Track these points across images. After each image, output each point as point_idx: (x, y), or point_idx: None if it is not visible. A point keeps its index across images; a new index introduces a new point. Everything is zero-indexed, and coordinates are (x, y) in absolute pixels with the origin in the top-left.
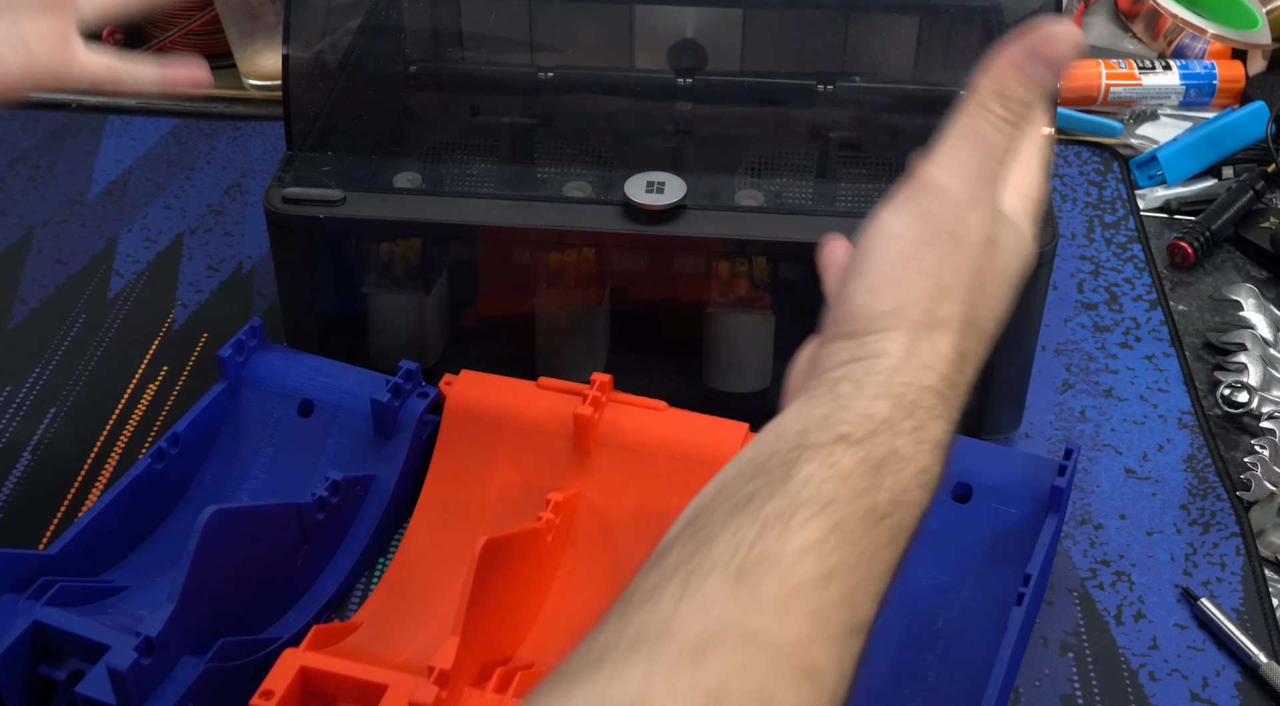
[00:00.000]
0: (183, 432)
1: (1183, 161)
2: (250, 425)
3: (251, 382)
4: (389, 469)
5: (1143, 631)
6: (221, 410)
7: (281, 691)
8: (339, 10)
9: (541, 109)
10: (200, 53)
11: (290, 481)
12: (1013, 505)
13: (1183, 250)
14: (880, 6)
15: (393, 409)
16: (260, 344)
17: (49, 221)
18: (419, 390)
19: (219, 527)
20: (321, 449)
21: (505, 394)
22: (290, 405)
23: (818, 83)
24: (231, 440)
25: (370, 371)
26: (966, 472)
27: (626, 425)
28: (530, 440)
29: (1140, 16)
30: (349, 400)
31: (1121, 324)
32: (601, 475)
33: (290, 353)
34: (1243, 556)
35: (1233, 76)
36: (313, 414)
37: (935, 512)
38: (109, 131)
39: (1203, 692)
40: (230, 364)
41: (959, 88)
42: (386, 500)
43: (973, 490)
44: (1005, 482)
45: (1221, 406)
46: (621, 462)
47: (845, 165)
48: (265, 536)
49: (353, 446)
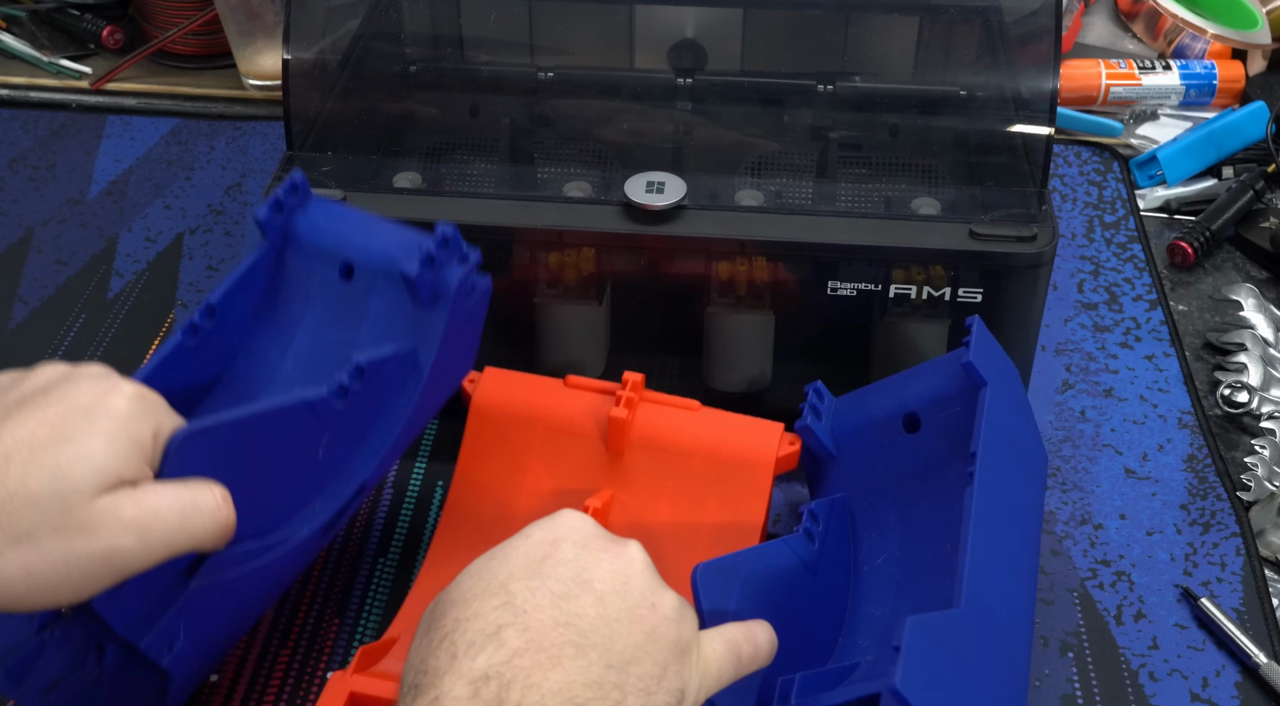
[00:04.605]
0: (218, 302)
1: (1183, 161)
2: (293, 288)
3: (294, 243)
4: (427, 342)
5: (1143, 631)
6: (263, 275)
7: None
8: (339, 10)
9: (541, 109)
10: (200, 53)
11: (333, 350)
12: (955, 405)
13: (1183, 250)
14: (880, 6)
15: (426, 281)
16: (301, 200)
17: (49, 221)
18: (458, 254)
19: (193, 450)
20: (362, 316)
21: (533, 393)
22: (332, 266)
23: (818, 83)
24: (274, 305)
25: (412, 231)
26: (904, 403)
27: (660, 426)
28: (561, 441)
29: (1140, 16)
30: (388, 263)
31: (1121, 324)
32: (635, 477)
33: (332, 207)
34: (1243, 556)
35: (1233, 76)
36: (354, 277)
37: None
38: (109, 131)
39: (1203, 692)
40: (269, 226)
41: (959, 88)
42: (425, 377)
43: (918, 416)
44: (942, 393)
45: (1221, 406)
46: (655, 464)
47: (845, 165)
48: (267, 440)
49: (391, 315)
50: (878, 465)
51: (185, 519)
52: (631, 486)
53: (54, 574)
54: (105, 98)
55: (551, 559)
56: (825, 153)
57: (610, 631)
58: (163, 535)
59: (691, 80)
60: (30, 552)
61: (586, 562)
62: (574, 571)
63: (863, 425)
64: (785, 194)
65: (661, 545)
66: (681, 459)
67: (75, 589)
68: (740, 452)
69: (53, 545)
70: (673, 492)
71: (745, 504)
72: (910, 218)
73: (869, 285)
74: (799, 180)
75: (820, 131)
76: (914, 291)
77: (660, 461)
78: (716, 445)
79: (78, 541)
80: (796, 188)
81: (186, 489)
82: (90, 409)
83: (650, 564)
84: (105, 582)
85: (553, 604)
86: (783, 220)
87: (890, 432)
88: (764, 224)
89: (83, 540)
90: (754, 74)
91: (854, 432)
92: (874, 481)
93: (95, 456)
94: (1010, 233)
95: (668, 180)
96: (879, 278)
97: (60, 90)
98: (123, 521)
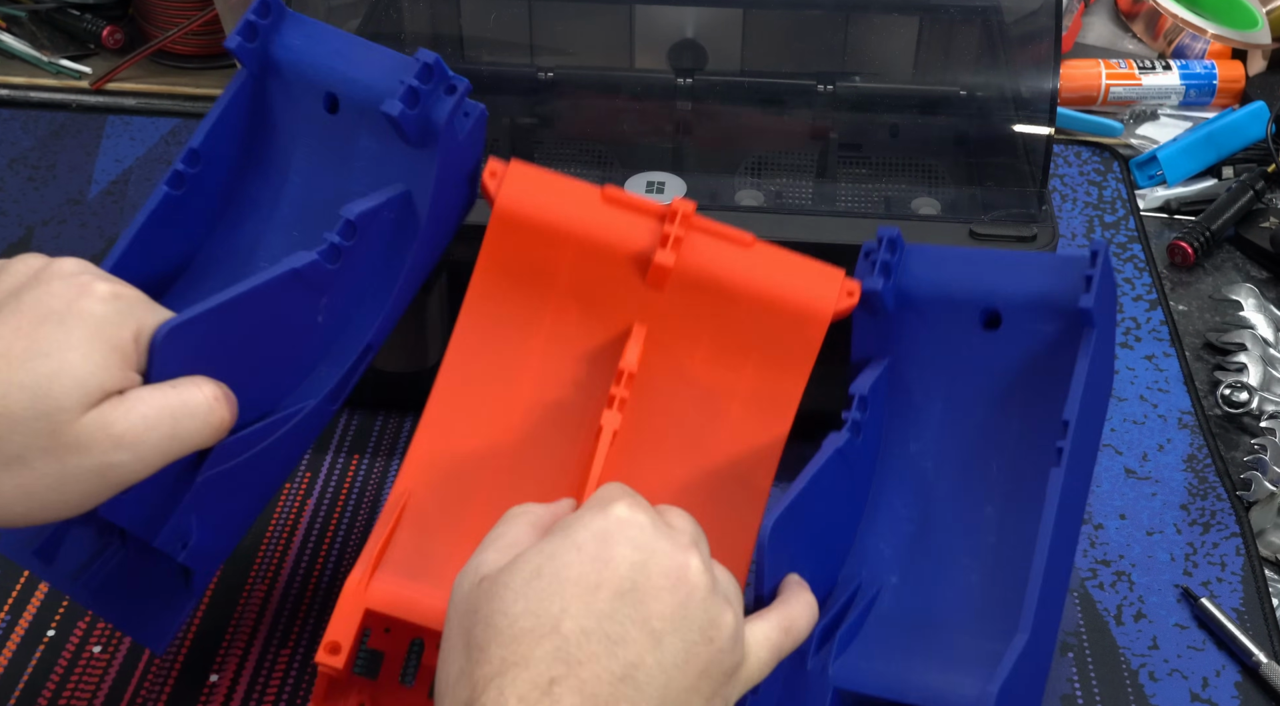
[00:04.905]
0: (201, 146)
1: (1183, 161)
2: (278, 123)
3: (273, 69)
4: (421, 182)
5: (1143, 631)
6: (245, 111)
7: (349, 645)
8: (339, 10)
9: (541, 109)
10: (200, 53)
11: (329, 191)
12: (1046, 322)
13: (1183, 250)
14: (880, 6)
15: (411, 119)
16: (275, 21)
17: (49, 221)
18: (444, 84)
19: (179, 344)
20: (352, 154)
21: (567, 201)
22: (317, 98)
23: (818, 83)
24: (261, 143)
25: (395, 56)
26: (991, 293)
27: (707, 260)
28: (594, 264)
29: (1140, 16)
30: (372, 95)
31: (1121, 324)
32: (671, 316)
33: (311, 26)
34: (1243, 556)
35: (1233, 76)
36: (339, 110)
37: (969, 344)
38: (109, 131)
39: (1203, 692)
40: (244, 54)
41: (959, 88)
42: (423, 222)
43: (1001, 315)
44: (1036, 296)
45: (1221, 406)
46: (697, 305)
47: (845, 165)
48: (259, 317)
49: (383, 152)
50: (939, 349)
51: (177, 424)
52: (666, 326)
53: (50, 492)
54: (105, 98)
55: (606, 587)
56: (825, 153)
57: (666, 678)
58: (155, 445)
59: (691, 80)
60: (24, 474)
61: (644, 588)
62: (631, 606)
63: (933, 297)
64: (785, 194)
65: (690, 408)
66: (727, 302)
67: (75, 504)
68: (793, 299)
69: (45, 465)
70: (711, 341)
71: (790, 360)
72: (910, 218)
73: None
74: (799, 180)
75: (820, 131)
76: None
77: (702, 303)
78: (767, 290)
79: (70, 460)
80: (796, 188)
81: (175, 391)
82: (64, 314)
83: (705, 561)
84: (104, 496)
85: (608, 652)
86: (783, 220)
87: (963, 320)
88: (764, 224)
89: (75, 458)
90: (754, 74)
91: (921, 302)
92: (928, 363)
93: (75, 371)
94: (1010, 233)
95: (668, 180)
96: None
97: (60, 90)
98: (113, 437)
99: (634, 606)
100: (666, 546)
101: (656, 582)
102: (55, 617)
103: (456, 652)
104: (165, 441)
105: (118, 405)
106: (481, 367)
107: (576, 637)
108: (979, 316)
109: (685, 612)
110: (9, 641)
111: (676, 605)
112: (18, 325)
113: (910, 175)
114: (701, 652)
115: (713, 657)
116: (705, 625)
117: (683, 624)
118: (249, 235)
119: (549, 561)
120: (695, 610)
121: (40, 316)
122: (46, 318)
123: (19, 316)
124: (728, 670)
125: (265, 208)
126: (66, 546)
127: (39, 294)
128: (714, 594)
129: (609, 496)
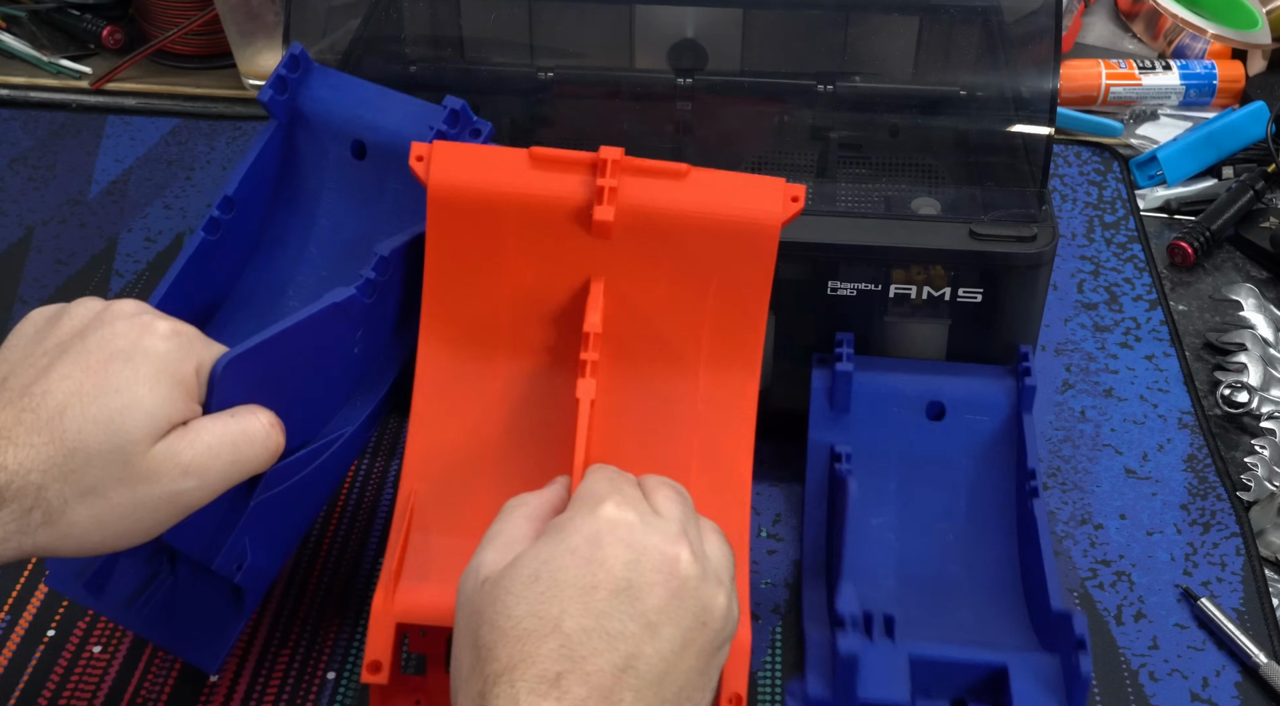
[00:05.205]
0: (235, 193)
1: (1183, 161)
2: (307, 169)
3: (301, 120)
4: None
5: (1143, 631)
6: (275, 159)
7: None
8: (339, 10)
9: (541, 109)
10: (200, 53)
11: (356, 231)
12: (984, 413)
13: (1183, 250)
14: (880, 6)
15: None
16: (303, 75)
17: (49, 221)
18: (469, 128)
19: (235, 376)
20: (381, 195)
21: (498, 171)
22: (344, 145)
23: (818, 83)
24: (290, 188)
25: (420, 103)
26: (937, 391)
27: (646, 199)
28: (537, 227)
29: (1140, 16)
30: (399, 141)
31: (1121, 324)
32: (626, 261)
33: (337, 78)
34: (1243, 556)
35: (1233, 76)
36: (366, 157)
37: (916, 434)
38: (109, 131)
39: (1203, 692)
40: (275, 105)
41: (959, 88)
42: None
43: (945, 407)
44: (973, 395)
45: (1221, 406)
46: (648, 243)
47: (845, 165)
48: (303, 349)
49: (410, 193)
50: (890, 434)
51: (238, 451)
52: (623, 272)
53: (123, 521)
54: (105, 98)
55: (602, 587)
56: (825, 153)
57: (666, 664)
58: (219, 471)
59: (691, 80)
60: (99, 504)
61: (638, 585)
62: (627, 603)
63: (886, 392)
64: None
65: (660, 353)
66: (675, 236)
67: (145, 531)
68: (741, 216)
69: (118, 496)
70: (669, 279)
71: (750, 279)
72: (910, 218)
73: (869, 285)
74: (799, 180)
75: (820, 131)
76: (914, 291)
77: (653, 242)
78: (712, 213)
79: (141, 489)
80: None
81: (235, 420)
82: (130, 353)
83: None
84: (171, 521)
85: (609, 647)
86: None
87: (911, 411)
88: None
89: (146, 488)
90: (754, 74)
91: (876, 395)
92: (882, 446)
93: (144, 405)
94: (1010, 233)
95: None
96: (879, 278)
97: (60, 90)
98: (181, 466)
99: (630, 602)
100: (657, 541)
101: (650, 578)
102: (55, 617)
103: (466, 651)
104: (228, 467)
105: (183, 435)
106: (454, 354)
107: (578, 636)
108: (925, 409)
109: (679, 602)
110: (9, 641)
111: (670, 596)
112: (87, 365)
113: (910, 175)
114: (696, 636)
115: (708, 638)
116: (699, 611)
117: (677, 613)
118: (281, 272)
119: (545, 565)
120: (689, 599)
121: (108, 355)
122: (114, 356)
123: (87, 357)
124: (719, 644)
125: (296, 246)
126: (116, 577)
127: (105, 334)
128: (705, 580)
129: (597, 493)
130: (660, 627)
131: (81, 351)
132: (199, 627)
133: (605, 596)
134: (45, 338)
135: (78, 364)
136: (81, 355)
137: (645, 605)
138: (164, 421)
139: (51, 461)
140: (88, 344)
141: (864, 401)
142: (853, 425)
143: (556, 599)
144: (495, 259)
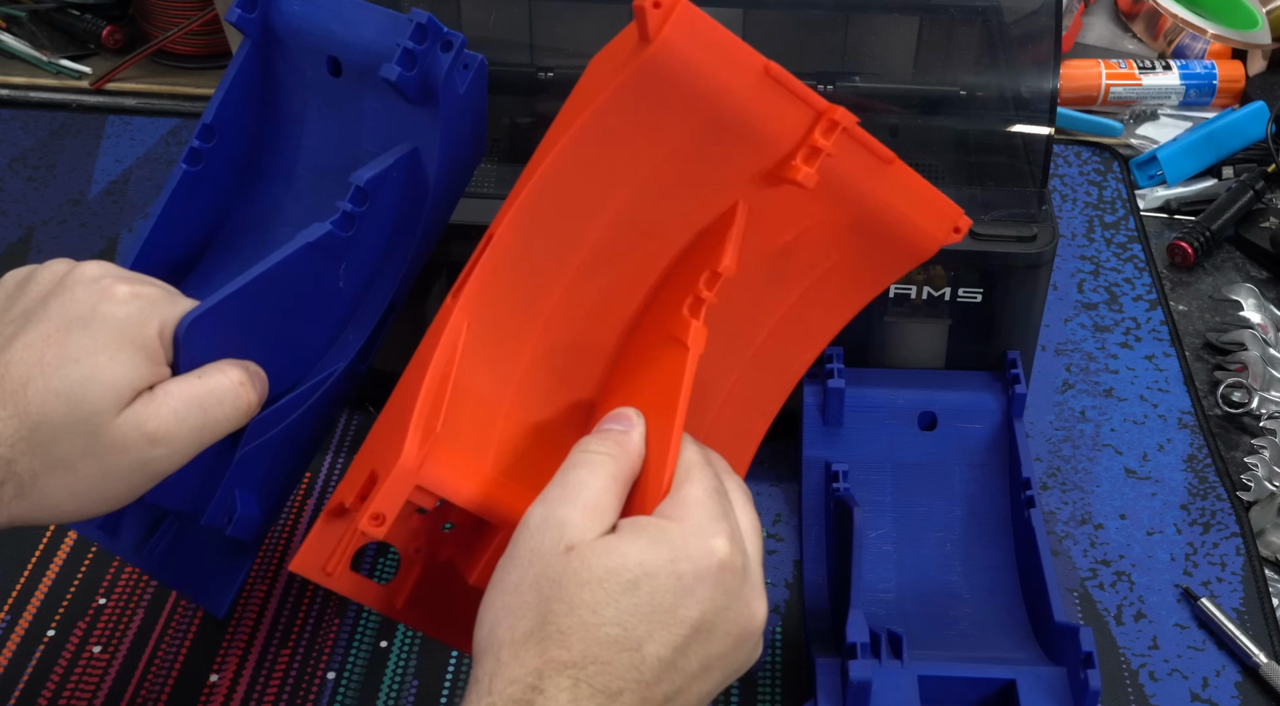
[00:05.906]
0: (213, 121)
1: (1183, 161)
2: (286, 90)
3: (275, 39)
4: (427, 139)
5: (1143, 631)
6: (252, 81)
7: (392, 514)
8: None
9: (541, 109)
10: (200, 53)
11: (339, 154)
12: (975, 421)
13: (1183, 250)
14: (880, 6)
15: (410, 79)
16: None
17: (49, 221)
18: (440, 41)
19: (203, 332)
20: (360, 115)
21: (726, 67)
22: (320, 62)
23: (818, 83)
24: (272, 111)
25: (391, 15)
26: (928, 401)
27: (846, 170)
28: (718, 139)
29: (1140, 16)
30: (373, 57)
31: (1121, 324)
32: (772, 207)
33: None
34: (1243, 556)
35: (1233, 76)
36: (342, 73)
37: (910, 445)
38: (109, 131)
39: (1203, 692)
40: (245, 23)
41: (959, 87)
42: (432, 177)
43: (936, 417)
44: (964, 403)
45: (1221, 406)
46: (804, 201)
47: None
48: (280, 293)
49: (389, 111)
50: (883, 445)
51: (207, 414)
52: (767, 211)
53: (96, 491)
54: (105, 98)
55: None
56: None
57: (698, 700)
58: (187, 436)
59: None
60: (69, 476)
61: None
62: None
63: (878, 404)
64: None
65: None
66: (842, 209)
67: (120, 498)
68: (909, 228)
69: (87, 467)
70: (802, 233)
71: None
72: None
73: None
74: None
75: None
76: (914, 291)
77: (817, 201)
78: (889, 210)
79: (109, 460)
80: None
81: (201, 381)
82: (89, 319)
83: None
84: (146, 487)
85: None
86: None
87: (903, 422)
88: None
89: (114, 458)
90: None
91: (867, 408)
92: (875, 458)
93: (104, 375)
94: (1010, 233)
95: None
96: None
97: (60, 90)
98: (147, 435)
99: (703, 644)
100: (749, 596)
101: (728, 628)
102: (55, 617)
103: (528, 609)
104: (197, 432)
105: (149, 402)
106: (541, 226)
107: (652, 663)
108: (916, 419)
109: (736, 653)
110: (9, 641)
111: (733, 647)
112: (47, 333)
113: None
114: (730, 677)
115: (734, 678)
116: (743, 664)
117: (731, 661)
118: (269, 203)
119: (647, 578)
120: (745, 654)
121: (66, 323)
122: (72, 324)
123: (47, 323)
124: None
125: (283, 174)
126: (127, 520)
127: (64, 300)
128: (761, 637)
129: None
130: (713, 671)
131: (43, 318)
132: (205, 571)
133: (687, 633)
134: (13, 304)
135: (39, 332)
136: (42, 322)
137: (713, 650)
138: (127, 390)
139: (18, 435)
140: (49, 311)
141: (855, 414)
142: (846, 439)
143: (647, 619)
144: (645, 151)
